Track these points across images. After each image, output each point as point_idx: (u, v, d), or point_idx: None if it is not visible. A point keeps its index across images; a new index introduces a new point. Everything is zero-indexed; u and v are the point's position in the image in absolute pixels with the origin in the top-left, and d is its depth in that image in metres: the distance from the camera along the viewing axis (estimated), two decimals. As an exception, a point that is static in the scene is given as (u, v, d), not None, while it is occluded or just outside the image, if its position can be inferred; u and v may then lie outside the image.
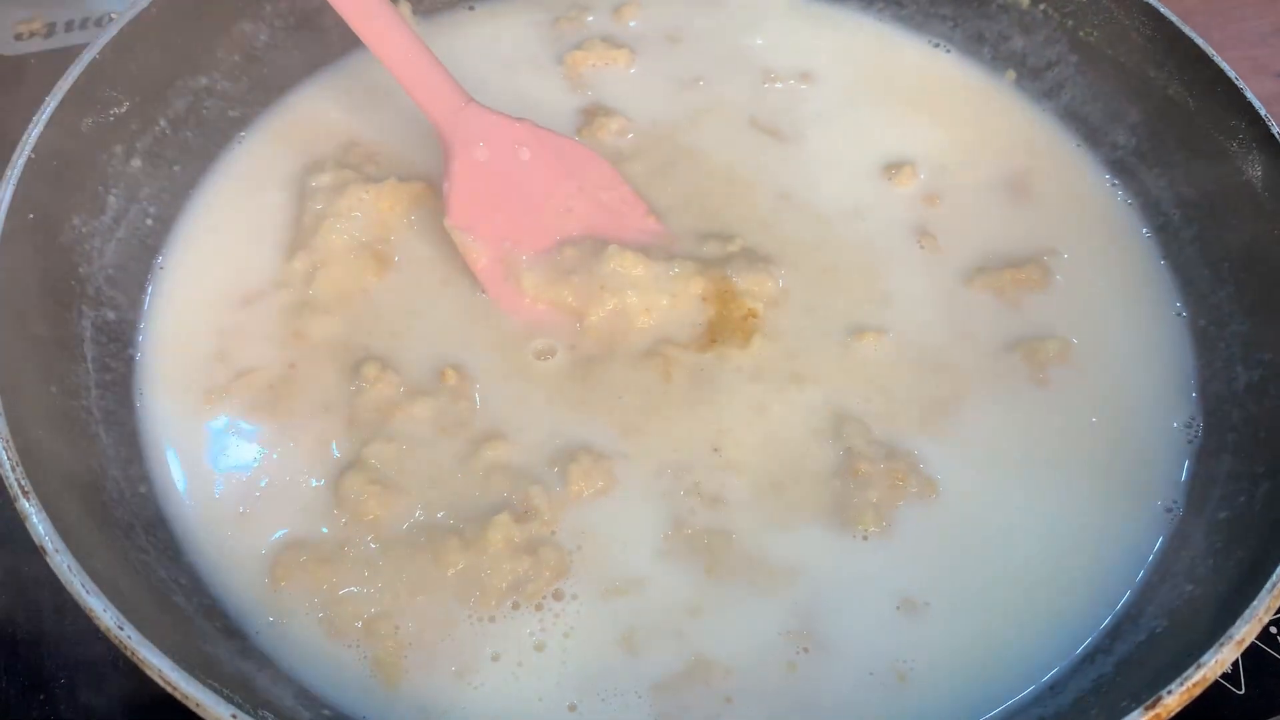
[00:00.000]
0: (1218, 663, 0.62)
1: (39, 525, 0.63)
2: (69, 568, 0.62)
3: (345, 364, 0.83)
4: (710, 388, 0.83)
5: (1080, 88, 1.00)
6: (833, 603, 0.74)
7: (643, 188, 0.93)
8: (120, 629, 0.61)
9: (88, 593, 0.62)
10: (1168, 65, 0.93)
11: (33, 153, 0.78)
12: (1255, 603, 0.65)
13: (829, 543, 0.77)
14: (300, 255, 0.88)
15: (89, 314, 0.82)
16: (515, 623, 0.73)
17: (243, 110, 0.97)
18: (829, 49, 1.06)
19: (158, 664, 0.60)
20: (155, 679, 0.60)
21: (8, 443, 0.66)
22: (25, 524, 0.64)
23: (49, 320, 0.78)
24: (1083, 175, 0.99)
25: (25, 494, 0.64)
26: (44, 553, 0.63)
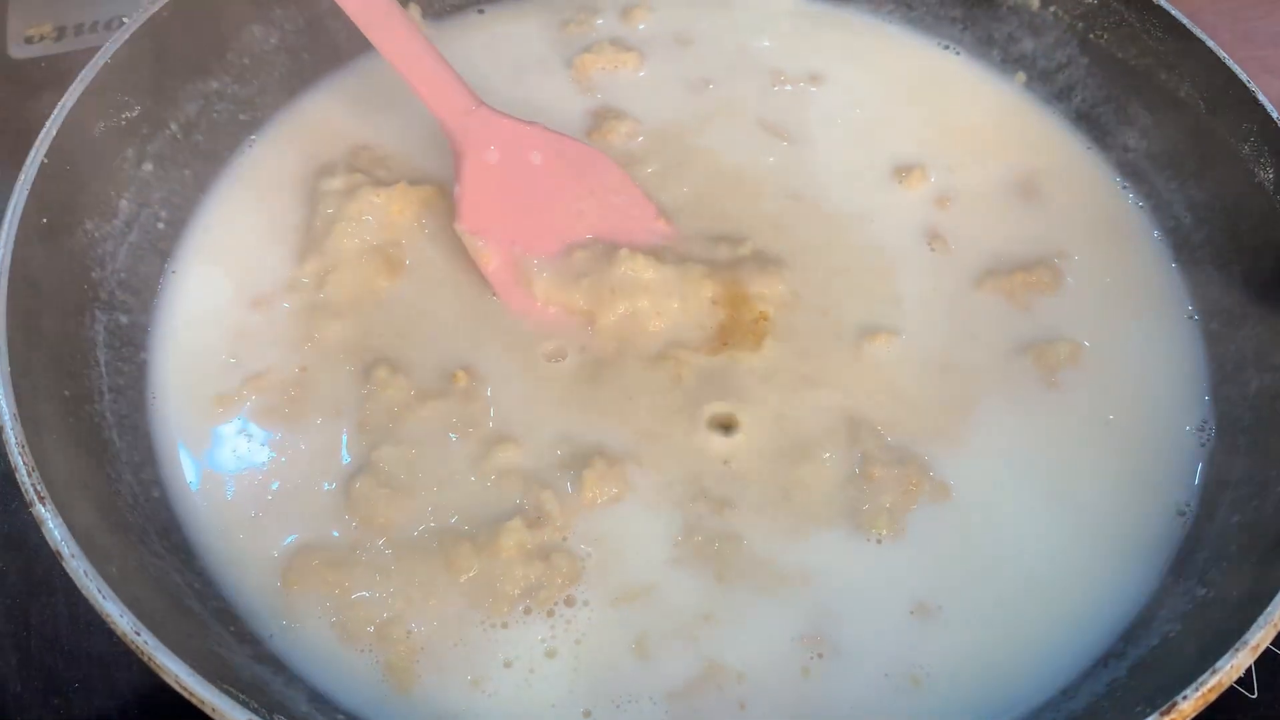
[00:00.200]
0: (1233, 668, 0.62)
1: (55, 530, 0.64)
2: (85, 573, 0.62)
3: (356, 367, 0.83)
4: (722, 391, 0.83)
5: (1090, 90, 1.00)
6: (846, 607, 0.74)
7: (653, 190, 0.93)
8: (137, 634, 0.61)
9: (104, 598, 0.62)
10: (1178, 67, 0.93)
11: (45, 157, 0.78)
12: (1270, 608, 0.65)
13: (842, 547, 0.77)
14: (311, 259, 0.88)
15: (101, 318, 0.82)
16: (527, 629, 0.73)
17: (253, 114, 0.97)
18: (838, 51, 1.06)
19: (174, 669, 0.60)
20: (171, 684, 0.60)
21: (23, 448, 0.66)
22: (41, 529, 0.64)
23: (61, 324, 0.78)
24: (1093, 178, 0.99)
25: (41, 499, 0.65)
26: (60, 557, 0.63)
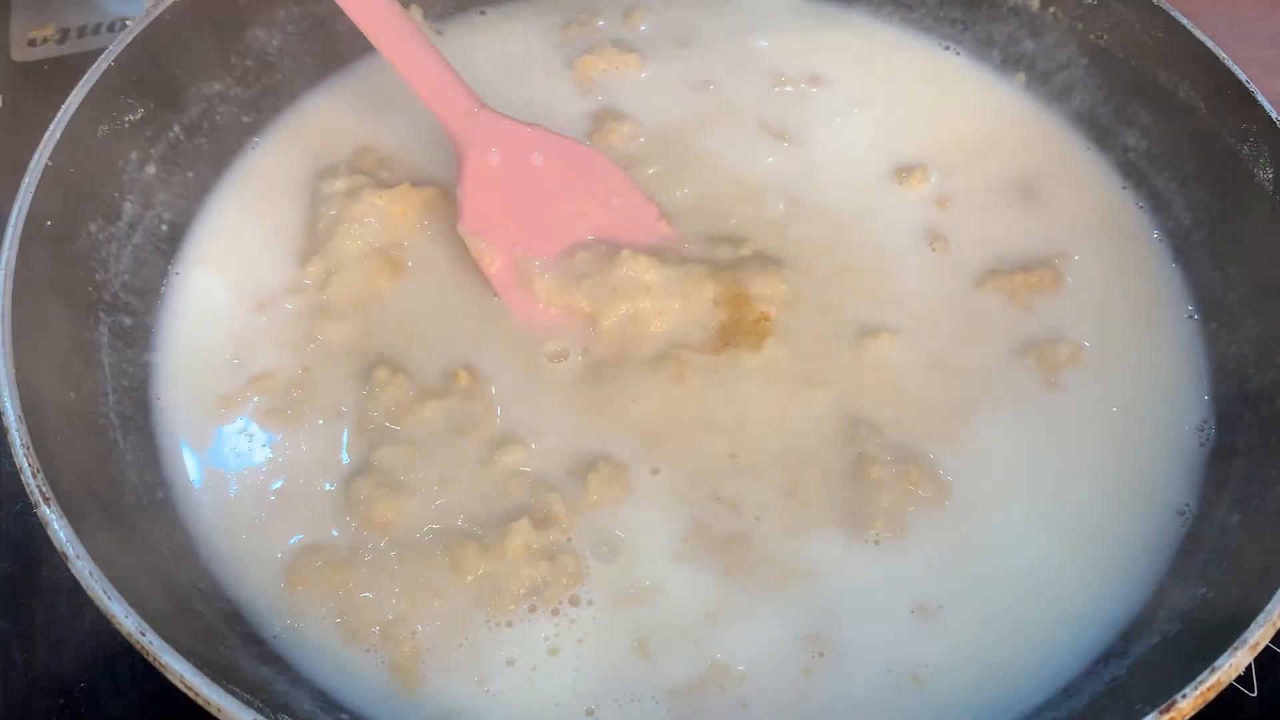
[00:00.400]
0: (1232, 666, 0.63)
1: (60, 532, 0.64)
2: (90, 574, 0.63)
3: (359, 368, 0.84)
4: (724, 391, 0.83)
5: (1090, 90, 1.00)
6: (848, 607, 0.75)
7: (654, 192, 0.93)
8: (142, 635, 0.61)
9: (109, 599, 0.62)
10: (1178, 67, 0.93)
11: (49, 160, 0.78)
12: (1270, 606, 0.65)
13: (843, 547, 0.77)
14: (314, 260, 0.88)
15: (105, 320, 0.82)
16: (531, 628, 0.73)
17: (256, 116, 0.98)
18: (839, 52, 1.06)
19: (179, 669, 0.60)
20: (177, 684, 0.60)
21: (28, 449, 0.66)
22: (46, 530, 0.64)
23: (66, 327, 0.79)
24: (1093, 178, 0.99)
25: (46, 500, 0.65)
26: (66, 559, 0.63)
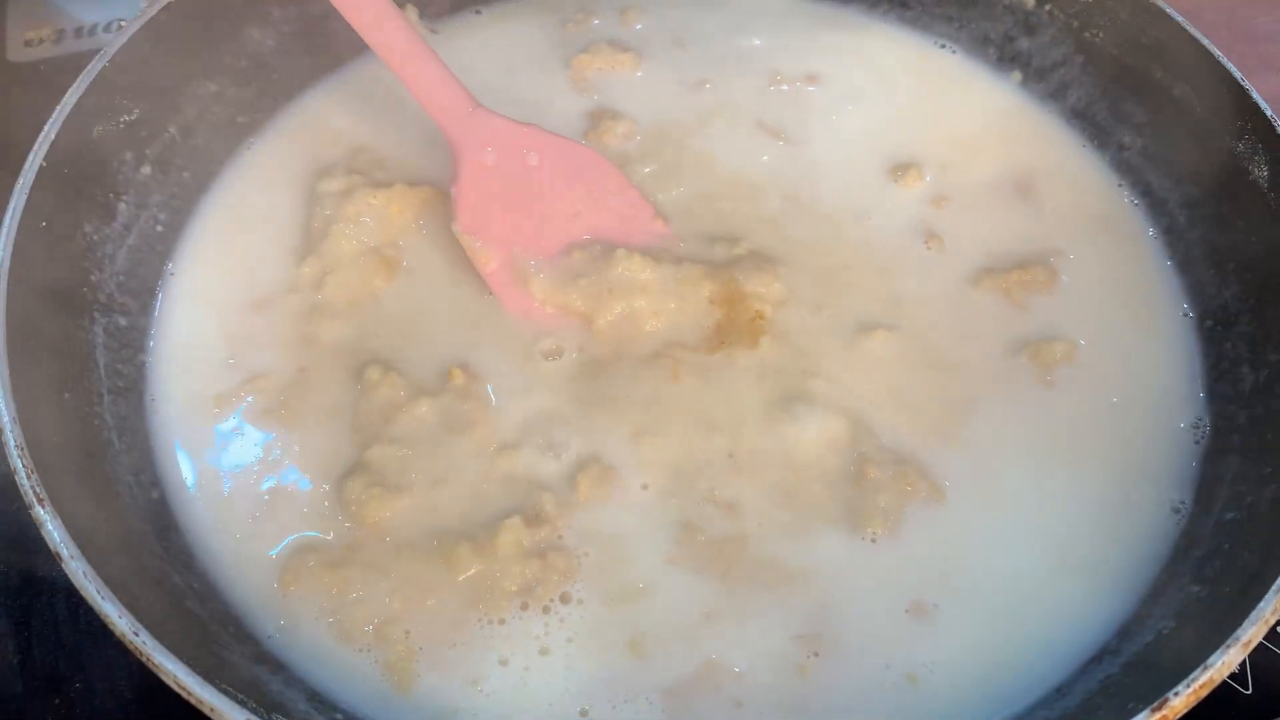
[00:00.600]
0: (1224, 664, 0.63)
1: (54, 532, 0.64)
2: (84, 574, 0.63)
3: (354, 368, 0.84)
4: (719, 390, 0.83)
5: (1086, 88, 1.00)
6: (842, 606, 0.75)
7: (649, 191, 0.93)
8: (135, 635, 0.61)
9: (103, 599, 0.62)
10: (1174, 65, 0.93)
11: (44, 160, 0.78)
12: (1262, 604, 0.65)
13: (838, 546, 0.77)
14: (310, 260, 0.88)
15: (101, 320, 0.82)
16: (523, 626, 0.73)
17: (251, 116, 0.98)
18: (835, 51, 1.06)
19: (173, 669, 0.60)
20: (170, 684, 0.60)
21: (23, 450, 0.67)
22: (40, 530, 0.64)
23: (61, 327, 0.79)
24: (1089, 176, 0.99)
25: (40, 501, 0.65)
26: (60, 559, 0.63)
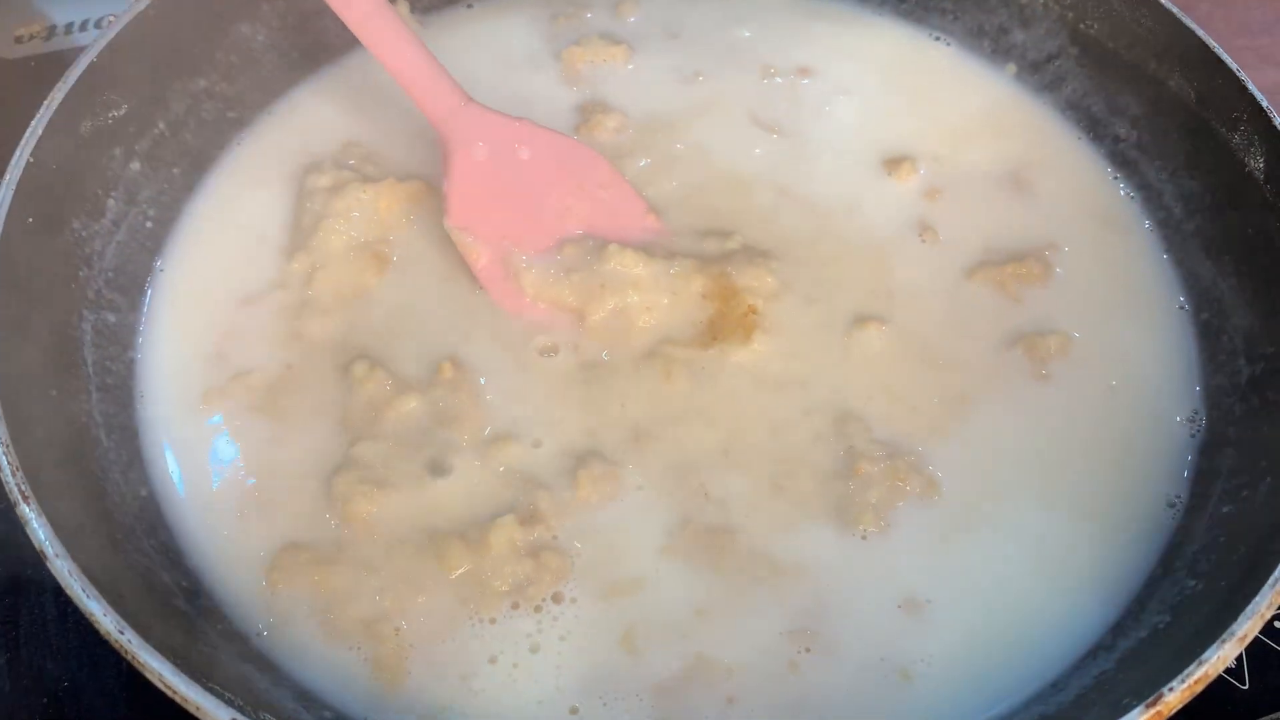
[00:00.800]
0: (1219, 659, 0.62)
1: (39, 530, 0.64)
2: (69, 572, 0.62)
3: (342, 364, 0.83)
4: (712, 386, 0.83)
5: (1081, 80, 1.00)
6: (835, 602, 0.74)
7: (642, 185, 0.92)
8: (121, 633, 0.61)
9: (88, 597, 0.62)
10: (1169, 57, 0.93)
11: (31, 156, 0.77)
12: (1258, 599, 0.64)
13: (831, 542, 0.76)
14: (299, 256, 0.88)
15: (89, 317, 0.82)
16: (513, 624, 0.73)
17: (241, 112, 0.97)
18: (828, 43, 1.05)
19: (158, 668, 0.60)
20: (155, 683, 0.60)
21: (8, 447, 0.66)
22: (25, 529, 0.64)
23: (49, 324, 0.78)
24: (1084, 168, 0.98)
25: (25, 499, 0.65)
26: (44, 557, 0.63)
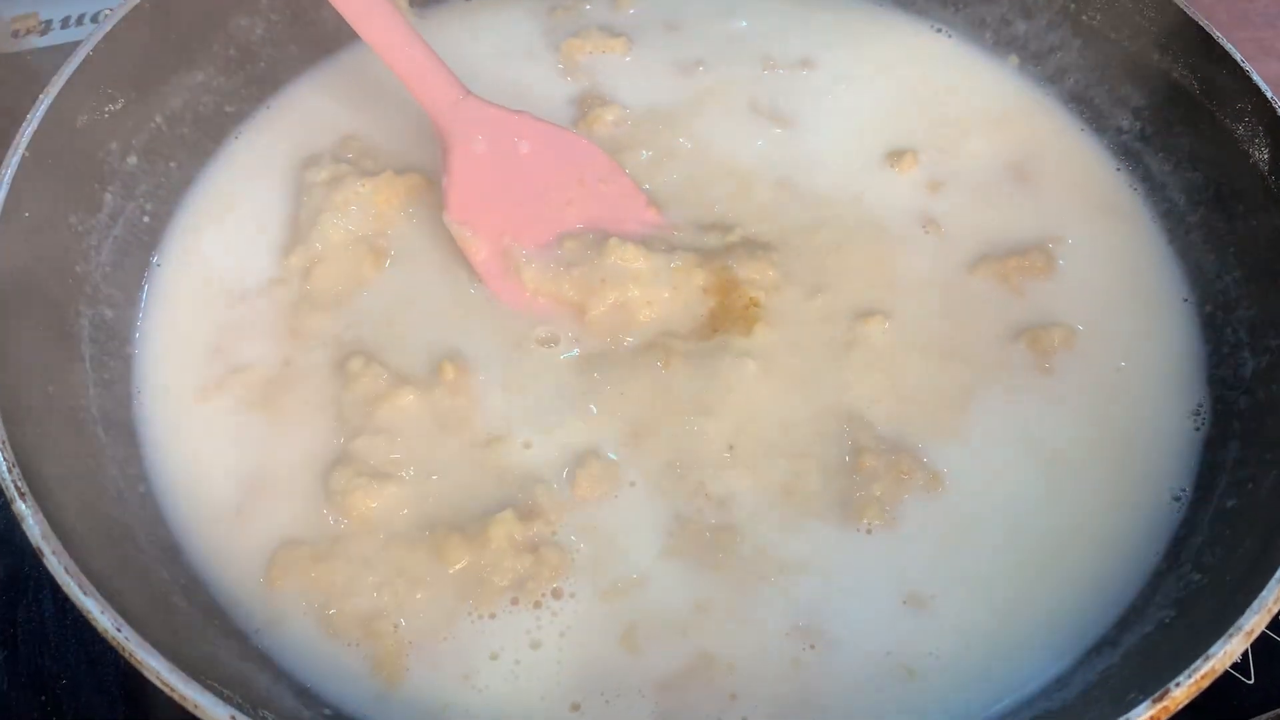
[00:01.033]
0: (1226, 654, 0.62)
1: (35, 527, 0.63)
2: (66, 569, 0.62)
3: (340, 359, 0.83)
4: (714, 380, 0.82)
5: (1084, 72, 0.99)
6: (838, 598, 0.74)
7: (641, 178, 0.92)
8: (118, 630, 0.60)
9: (85, 594, 0.61)
10: (1173, 48, 0.92)
11: (27, 151, 0.77)
12: (1264, 593, 0.64)
13: (833, 538, 0.76)
14: (297, 250, 0.87)
15: (86, 312, 0.81)
16: (513, 620, 0.73)
17: (239, 106, 0.96)
18: (829, 35, 1.05)
19: (156, 666, 0.60)
20: (154, 681, 0.60)
21: (4, 444, 0.66)
22: (22, 525, 0.64)
23: (46, 319, 0.78)
24: (1087, 160, 0.98)
25: (22, 495, 0.64)
26: (41, 555, 0.63)
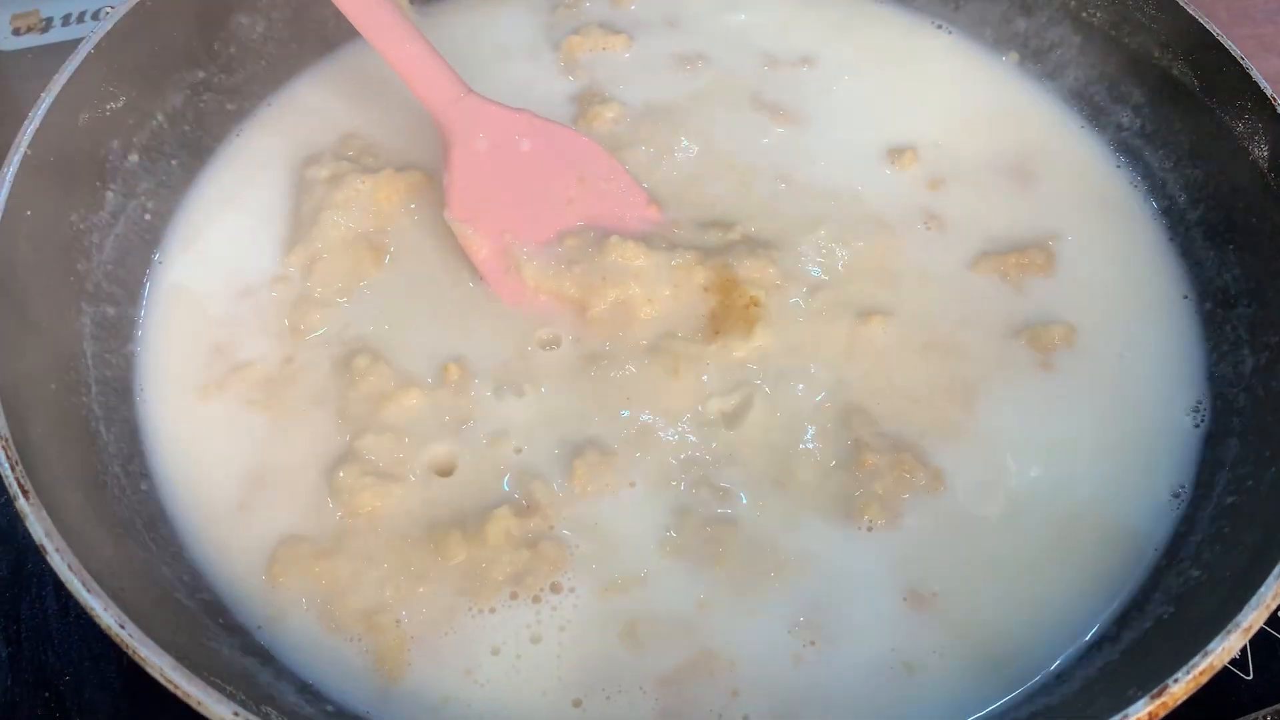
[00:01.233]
0: (1224, 650, 0.62)
1: (38, 525, 0.63)
2: (69, 566, 0.62)
3: (341, 356, 0.83)
4: (715, 378, 0.82)
5: (1084, 69, 0.99)
6: (839, 595, 0.74)
7: (642, 176, 0.92)
8: (121, 627, 0.61)
9: (88, 591, 0.61)
10: (1172, 45, 0.92)
11: (29, 149, 0.77)
12: (1263, 589, 0.64)
13: (834, 535, 0.76)
14: (298, 248, 0.87)
15: (88, 310, 0.82)
16: (513, 614, 0.73)
17: (240, 103, 0.97)
18: (830, 32, 1.05)
19: (159, 662, 0.60)
20: (156, 677, 0.60)
21: (7, 442, 0.66)
22: (25, 522, 0.64)
23: (48, 317, 0.78)
24: (1087, 157, 0.98)
25: (25, 493, 0.64)
26: (44, 552, 0.63)
